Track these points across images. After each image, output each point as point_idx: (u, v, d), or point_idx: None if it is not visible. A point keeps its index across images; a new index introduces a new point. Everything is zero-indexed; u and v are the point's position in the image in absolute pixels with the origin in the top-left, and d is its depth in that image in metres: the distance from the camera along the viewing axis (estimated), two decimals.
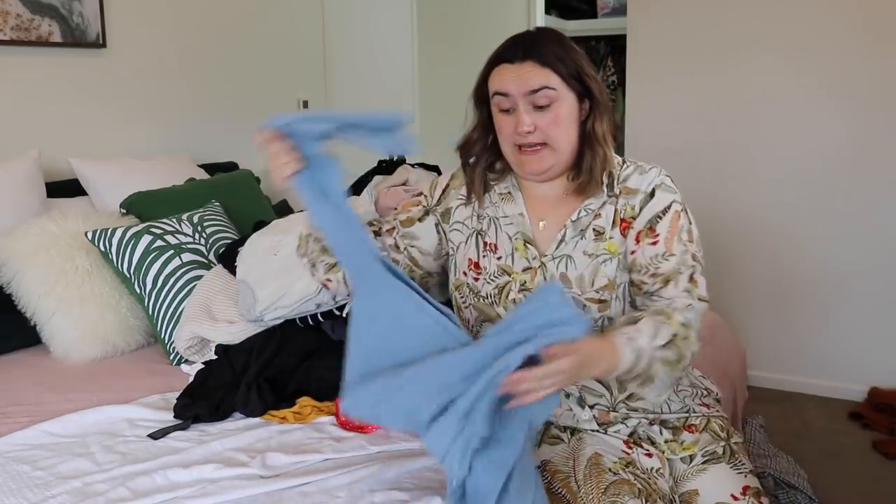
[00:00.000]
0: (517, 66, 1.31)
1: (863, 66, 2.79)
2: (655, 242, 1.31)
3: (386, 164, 2.76)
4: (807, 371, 3.04)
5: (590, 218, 1.36)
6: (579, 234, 1.36)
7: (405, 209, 1.50)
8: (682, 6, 3.04)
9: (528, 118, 1.30)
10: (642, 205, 1.34)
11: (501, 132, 1.35)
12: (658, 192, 1.34)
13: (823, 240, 2.94)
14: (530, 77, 1.30)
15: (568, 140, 1.34)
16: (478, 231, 1.42)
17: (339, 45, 3.66)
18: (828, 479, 2.35)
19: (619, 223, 1.35)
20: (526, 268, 1.37)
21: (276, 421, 1.57)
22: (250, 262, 1.92)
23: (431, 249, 1.47)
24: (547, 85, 1.30)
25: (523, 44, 1.33)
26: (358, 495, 1.26)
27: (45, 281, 1.97)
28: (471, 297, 1.40)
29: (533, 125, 1.31)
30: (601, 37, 4.68)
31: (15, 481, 1.36)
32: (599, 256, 1.34)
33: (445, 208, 1.47)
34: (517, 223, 1.40)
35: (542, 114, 1.31)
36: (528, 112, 1.31)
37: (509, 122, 1.33)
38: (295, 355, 1.77)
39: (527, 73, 1.30)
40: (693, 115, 3.08)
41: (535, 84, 1.30)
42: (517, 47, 1.33)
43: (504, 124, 1.34)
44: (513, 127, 1.32)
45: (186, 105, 2.94)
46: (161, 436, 1.51)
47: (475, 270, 1.41)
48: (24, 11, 2.38)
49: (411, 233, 1.47)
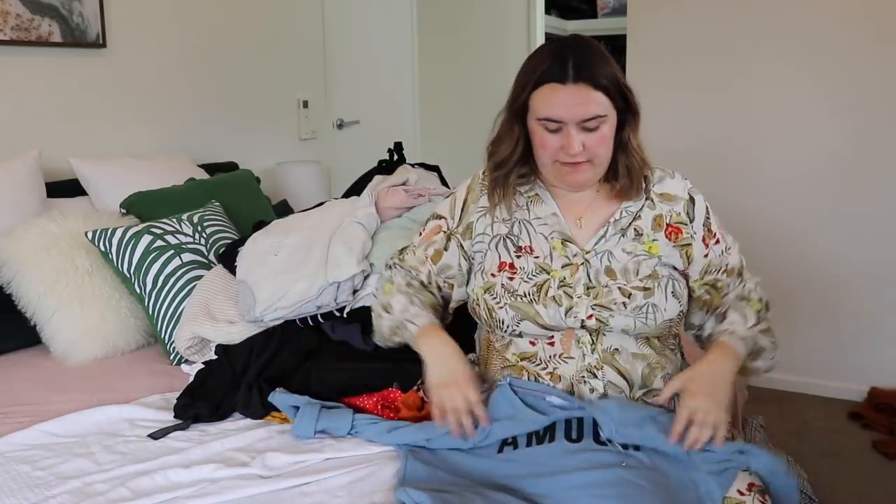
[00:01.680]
0: (568, 89, 1.29)
1: (865, 67, 2.79)
2: (718, 241, 1.45)
3: (386, 163, 2.76)
4: (807, 371, 3.04)
5: (629, 219, 1.41)
6: (620, 232, 1.40)
7: (428, 239, 1.52)
8: (683, 7, 3.04)
9: (578, 141, 1.31)
10: (687, 210, 1.43)
11: (544, 147, 1.35)
12: (693, 195, 1.44)
13: (823, 240, 2.94)
14: (585, 104, 1.30)
15: (607, 154, 1.37)
16: (504, 236, 1.44)
17: (339, 45, 3.66)
18: (828, 479, 2.35)
19: (665, 227, 1.41)
20: (565, 264, 1.39)
21: (277, 421, 1.57)
22: (250, 263, 1.92)
23: (465, 270, 1.50)
24: (599, 113, 1.31)
25: (571, 60, 1.30)
26: (358, 495, 1.26)
27: (45, 281, 1.97)
28: (506, 297, 1.40)
29: (582, 144, 1.32)
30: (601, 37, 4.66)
31: (15, 481, 1.36)
32: (639, 255, 1.39)
33: (466, 225, 1.48)
34: (552, 223, 1.42)
35: (590, 135, 1.33)
36: (577, 135, 1.31)
37: (555, 140, 1.33)
38: (295, 356, 1.76)
39: (582, 98, 1.29)
40: (693, 116, 3.08)
41: (589, 113, 1.30)
42: (564, 65, 1.30)
43: (549, 142, 1.34)
44: (558, 146, 1.33)
45: (186, 105, 2.94)
46: (161, 436, 1.51)
47: (510, 270, 1.42)
48: (24, 11, 2.38)
49: (444, 265, 1.50)
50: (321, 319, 1.87)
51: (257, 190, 2.69)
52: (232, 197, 2.45)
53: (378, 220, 1.96)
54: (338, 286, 1.81)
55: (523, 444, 1.29)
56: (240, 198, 2.51)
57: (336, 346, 1.81)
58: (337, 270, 1.80)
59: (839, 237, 2.92)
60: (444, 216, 1.52)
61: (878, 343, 2.92)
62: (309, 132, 3.52)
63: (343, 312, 1.86)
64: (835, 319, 2.97)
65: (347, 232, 1.88)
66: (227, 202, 2.38)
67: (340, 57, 3.67)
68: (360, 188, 2.33)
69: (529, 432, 1.31)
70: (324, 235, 1.90)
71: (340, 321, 1.86)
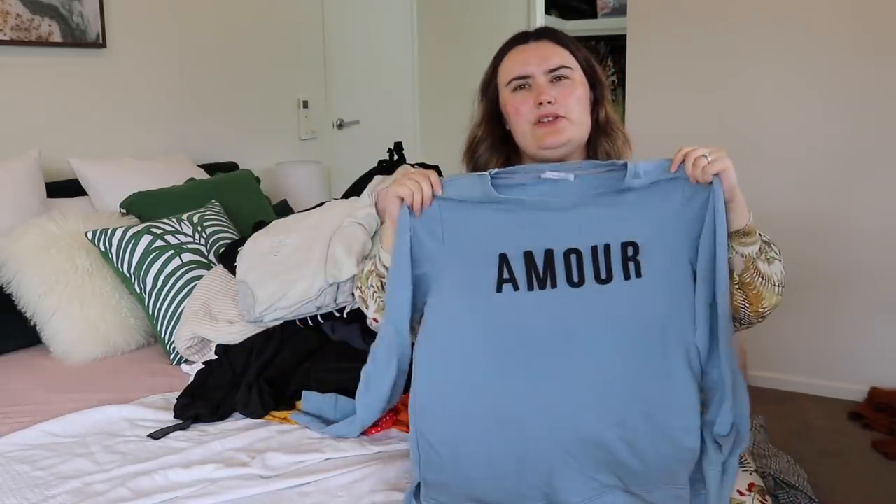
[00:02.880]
0: (533, 45, 1.35)
1: (864, 67, 2.79)
2: None
3: (386, 163, 2.76)
4: (807, 371, 3.04)
5: None
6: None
7: None
8: (682, 6, 3.04)
9: (549, 89, 1.33)
10: None
11: (518, 112, 1.36)
12: None
13: (823, 240, 2.94)
14: (549, 54, 1.34)
15: (584, 119, 1.37)
16: None
17: (339, 45, 3.66)
18: (828, 479, 2.35)
19: None
20: None
21: (277, 421, 1.57)
22: (250, 263, 1.92)
23: None
24: (565, 64, 1.34)
25: (533, 31, 1.37)
26: (358, 495, 1.26)
27: (45, 281, 1.97)
28: None
29: (553, 97, 1.33)
30: (601, 37, 4.68)
31: (15, 481, 1.36)
32: None
33: None
34: None
35: (561, 88, 1.34)
36: (546, 84, 1.33)
37: (526, 98, 1.34)
38: (295, 356, 1.76)
39: (545, 49, 1.34)
40: (693, 115, 3.08)
41: (554, 62, 1.34)
42: (528, 33, 1.37)
43: (521, 103, 1.35)
44: (531, 101, 1.34)
45: (186, 105, 2.94)
46: (161, 436, 1.51)
47: None
48: (24, 11, 2.38)
49: None
50: (321, 320, 1.87)
51: (257, 190, 2.69)
52: (232, 197, 2.45)
53: (378, 220, 1.96)
54: (337, 286, 1.81)
55: (524, 288, 1.23)
56: (240, 198, 2.51)
57: (336, 346, 1.81)
58: (337, 271, 1.80)
59: (839, 237, 2.92)
60: None
61: (878, 343, 2.92)
62: (309, 132, 3.52)
63: (343, 313, 1.86)
64: (835, 319, 2.97)
65: (347, 232, 1.88)
66: (227, 202, 2.38)
67: (340, 57, 3.67)
68: (360, 188, 2.33)
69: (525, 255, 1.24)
70: (324, 236, 1.89)
71: (340, 321, 1.86)
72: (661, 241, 1.23)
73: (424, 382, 1.27)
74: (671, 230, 1.23)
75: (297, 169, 3.20)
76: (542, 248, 1.23)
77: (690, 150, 1.22)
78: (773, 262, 1.30)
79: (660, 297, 1.22)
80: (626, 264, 1.22)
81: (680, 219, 1.23)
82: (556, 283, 1.22)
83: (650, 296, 1.21)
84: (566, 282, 1.22)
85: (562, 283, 1.22)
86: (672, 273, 1.22)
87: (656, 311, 1.21)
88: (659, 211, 1.23)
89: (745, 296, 1.30)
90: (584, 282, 1.22)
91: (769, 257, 1.30)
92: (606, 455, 1.20)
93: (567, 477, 1.19)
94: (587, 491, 1.17)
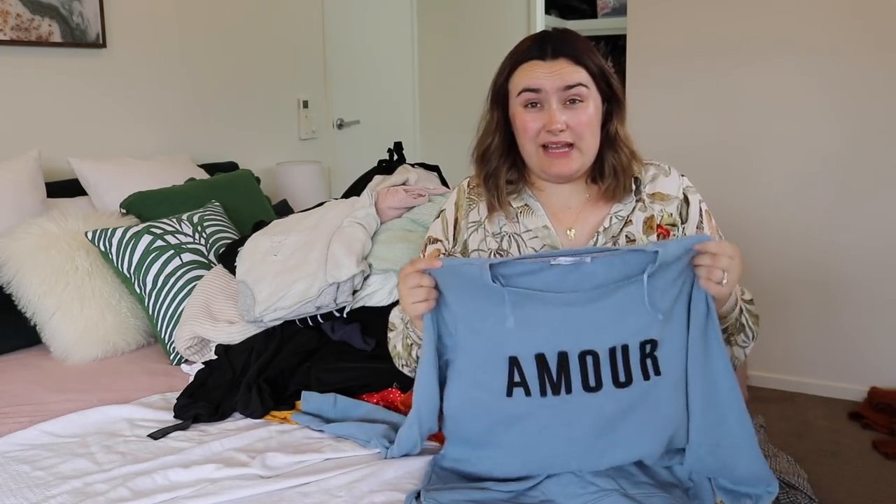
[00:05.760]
0: (549, 63, 1.28)
1: (864, 66, 2.79)
2: None
3: (386, 163, 2.76)
4: (807, 371, 3.04)
5: (620, 224, 1.34)
6: (611, 240, 1.33)
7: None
8: (683, 6, 3.04)
9: (560, 115, 1.27)
10: (681, 210, 1.35)
11: (526, 131, 1.31)
12: (689, 195, 1.37)
13: (823, 240, 2.94)
14: (565, 73, 1.27)
15: (594, 142, 1.32)
16: (495, 251, 1.37)
17: (339, 45, 3.66)
18: (828, 479, 2.35)
19: (656, 228, 1.34)
20: None
21: (277, 421, 1.57)
22: (250, 263, 1.92)
23: None
24: (581, 82, 1.28)
25: (551, 41, 1.30)
26: (358, 495, 1.26)
27: (45, 281, 1.97)
28: None
29: (565, 124, 1.28)
30: (601, 37, 4.68)
31: (15, 481, 1.36)
32: None
33: (462, 244, 1.42)
34: (542, 235, 1.36)
35: (574, 113, 1.28)
36: (559, 110, 1.28)
37: (536, 119, 1.29)
38: (295, 356, 1.77)
39: (561, 69, 1.27)
40: (693, 116, 3.08)
41: (570, 80, 1.27)
42: (544, 44, 1.29)
43: (530, 122, 1.30)
44: (540, 124, 1.29)
45: (186, 105, 2.94)
46: (161, 436, 1.51)
47: None
48: (24, 11, 2.38)
49: None
50: (321, 320, 1.87)
51: (257, 190, 2.69)
52: (232, 197, 2.45)
53: (378, 220, 1.96)
54: (337, 287, 1.81)
55: (537, 394, 1.17)
56: (240, 198, 2.51)
57: (336, 346, 1.81)
58: (336, 271, 1.80)
59: (839, 237, 2.92)
60: (439, 239, 1.45)
61: (878, 343, 2.92)
62: (309, 132, 3.52)
63: (343, 313, 1.86)
64: (835, 319, 2.97)
65: (347, 232, 1.88)
66: (227, 202, 2.38)
67: (340, 57, 3.67)
68: (359, 188, 2.33)
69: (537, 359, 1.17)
70: (324, 235, 1.90)
71: (340, 321, 1.86)
72: (674, 334, 1.18)
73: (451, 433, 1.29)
74: (680, 324, 1.18)
75: (297, 169, 3.20)
76: (556, 351, 1.16)
77: (713, 259, 1.15)
78: (734, 345, 1.31)
79: (676, 391, 1.19)
80: (644, 363, 1.16)
81: (684, 306, 1.19)
82: (571, 389, 1.16)
83: (671, 391, 1.19)
84: (581, 387, 1.16)
85: (577, 388, 1.16)
86: (680, 366, 1.19)
87: (673, 404, 1.20)
88: (673, 306, 1.18)
89: None
90: (601, 386, 1.16)
91: (733, 339, 1.31)
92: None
93: (566, 481, 1.20)
94: (586, 495, 1.18)
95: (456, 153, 1.49)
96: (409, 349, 1.39)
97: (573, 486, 1.19)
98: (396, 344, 1.42)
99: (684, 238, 1.23)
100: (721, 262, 1.15)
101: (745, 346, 1.31)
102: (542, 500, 1.19)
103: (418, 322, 1.26)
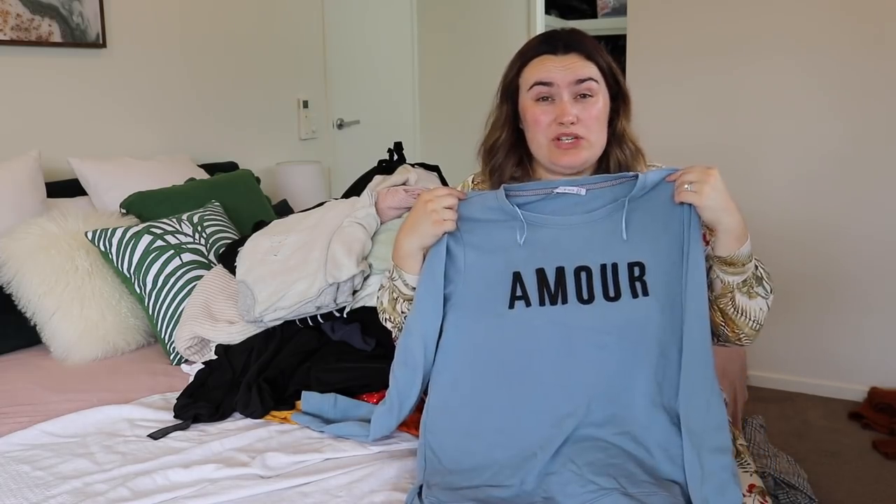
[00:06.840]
0: (561, 58, 1.32)
1: (863, 66, 2.79)
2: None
3: (386, 163, 2.76)
4: (807, 371, 3.05)
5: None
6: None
7: None
8: (683, 6, 3.04)
9: (571, 108, 1.31)
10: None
11: (537, 123, 1.34)
12: None
13: (823, 240, 2.94)
14: (576, 67, 1.31)
15: (602, 137, 1.36)
16: None
17: (339, 45, 3.66)
18: (828, 479, 2.35)
19: None
20: None
21: (277, 421, 1.57)
22: (250, 263, 1.91)
23: None
24: (591, 77, 1.33)
25: (562, 38, 1.34)
26: (358, 495, 1.26)
27: (45, 281, 1.97)
28: None
29: (576, 117, 1.31)
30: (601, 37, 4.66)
31: (15, 481, 1.36)
32: None
33: None
34: None
35: (584, 106, 1.32)
36: (570, 103, 1.32)
37: (547, 112, 1.33)
38: (295, 356, 1.76)
39: (573, 63, 1.32)
40: (693, 115, 3.08)
41: (581, 74, 1.32)
42: (556, 41, 1.34)
43: (541, 115, 1.33)
44: (551, 117, 1.32)
45: (186, 105, 2.94)
46: (161, 436, 1.51)
47: None
48: (24, 11, 2.38)
49: None
50: (321, 320, 1.87)
51: (257, 190, 2.69)
52: (232, 197, 2.45)
53: (378, 220, 1.96)
54: (337, 287, 1.81)
55: (536, 304, 1.26)
56: (240, 198, 2.51)
57: (336, 346, 1.81)
58: (336, 271, 1.80)
59: (839, 237, 2.92)
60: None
61: (878, 343, 2.92)
62: (309, 132, 3.52)
63: (343, 313, 1.86)
64: (835, 319, 2.97)
65: (347, 232, 1.88)
66: (227, 202, 2.38)
67: (340, 57, 3.67)
68: (359, 188, 2.33)
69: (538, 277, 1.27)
70: (324, 236, 1.89)
71: (340, 321, 1.86)
72: (663, 264, 1.26)
73: (437, 401, 1.31)
74: (668, 254, 1.26)
75: (297, 169, 3.20)
76: (554, 266, 1.27)
77: (681, 174, 1.24)
78: (756, 297, 1.31)
79: (664, 315, 1.24)
80: (633, 283, 1.25)
81: (677, 242, 1.26)
82: (567, 300, 1.26)
83: (658, 312, 1.24)
84: (576, 298, 1.25)
85: (572, 299, 1.25)
86: (672, 293, 1.25)
87: (660, 326, 1.24)
88: (661, 236, 1.27)
89: (722, 318, 1.33)
90: (593, 298, 1.25)
91: (753, 292, 1.31)
92: (606, 458, 1.21)
93: (565, 480, 1.20)
94: (585, 494, 1.18)
95: (456, 153, 1.50)
96: (393, 303, 1.42)
97: (573, 484, 1.19)
98: (384, 300, 1.44)
99: (665, 168, 1.31)
100: (688, 176, 1.22)
101: (767, 298, 1.33)
102: (543, 499, 1.20)
103: (430, 240, 1.30)
